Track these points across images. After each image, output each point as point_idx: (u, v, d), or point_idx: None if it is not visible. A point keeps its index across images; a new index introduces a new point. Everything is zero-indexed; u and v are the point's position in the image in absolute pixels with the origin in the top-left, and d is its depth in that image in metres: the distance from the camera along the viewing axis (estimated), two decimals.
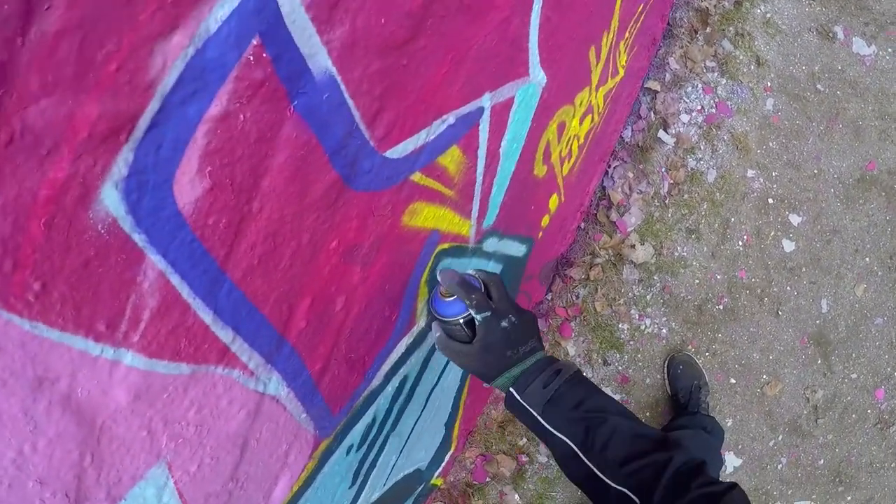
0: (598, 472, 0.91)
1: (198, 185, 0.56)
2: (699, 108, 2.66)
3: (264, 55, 0.55)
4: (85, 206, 0.49)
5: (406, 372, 1.39)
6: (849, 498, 2.64)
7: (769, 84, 2.70)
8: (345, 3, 0.62)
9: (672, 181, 2.60)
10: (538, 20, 1.14)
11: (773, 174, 2.63)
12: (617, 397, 2.35)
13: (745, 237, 2.59)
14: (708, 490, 0.83)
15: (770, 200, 2.62)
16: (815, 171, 2.65)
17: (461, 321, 1.03)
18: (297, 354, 0.91)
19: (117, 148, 0.49)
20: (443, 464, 2.28)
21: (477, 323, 1.01)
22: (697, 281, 2.56)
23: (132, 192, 0.52)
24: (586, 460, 0.93)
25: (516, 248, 1.84)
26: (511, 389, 1.01)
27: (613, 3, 1.69)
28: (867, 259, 2.63)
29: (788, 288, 2.58)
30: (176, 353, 0.69)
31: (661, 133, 2.63)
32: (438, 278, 1.02)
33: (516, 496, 2.47)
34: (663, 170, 2.62)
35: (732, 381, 2.55)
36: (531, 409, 0.98)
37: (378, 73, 0.72)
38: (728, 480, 0.85)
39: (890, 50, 2.77)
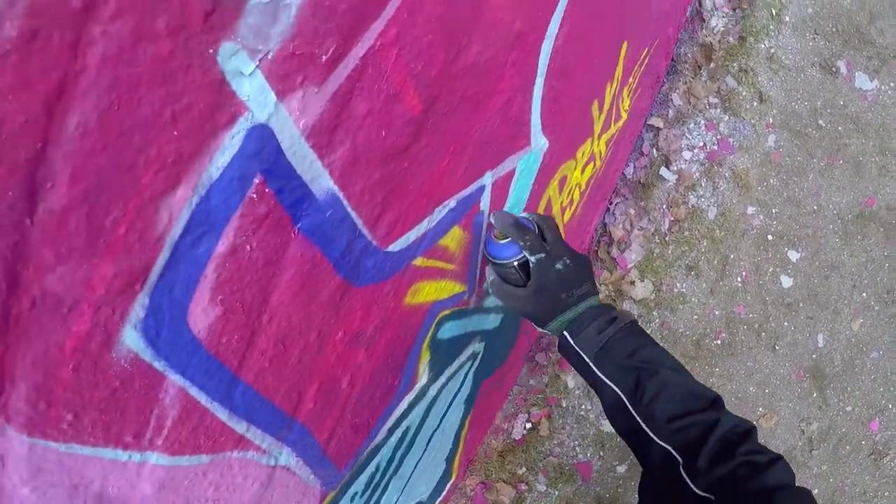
0: (644, 426, 0.90)
1: (210, 313, 0.59)
2: (701, 144, 2.69)
3: (267, 190, 0.59)
4: (108, 348, 0.53)
5: (408, 424, 1.41)
6: None
7: (771, 120, 2.72)
8: (344, 124, 0.65)
9: (673, 218, 2.63)
10: (541, 92, 1.16)
11: (773, 211, 2.66)
12: None
13: (744, 273, 2.62)
14: (753, 458, 0.81)
15: (769, 237, 2.64)
16: (815, 208, 2.68)
17: (515, 263, 1.03)
18: (306, 430, 0.94)
19: (133, 296, 0.52)
20: (443, 493, 2.30)
21: (531, 264, 1.01)
22: (696, 317, 2.59)
23: (150, 329, 0.55)
24: (634, 412, 0.91)
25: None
26: (564, 332, 1.00)
27: (617, 54, 1.70)
28: (864, 294, 2.66)
29: (786, 323, 2.61)
30: (196, 448, 0.72)
31: (662, 170, 2.66)
32: (492, 221, 1.03)
33: None
34: (664, 206, 2.64)
35: None
36: (583, 354, 0.98)
37: (379, 181, 0.75)
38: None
39: (892, 84, 2.80)
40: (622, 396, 0.93)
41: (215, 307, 0.60)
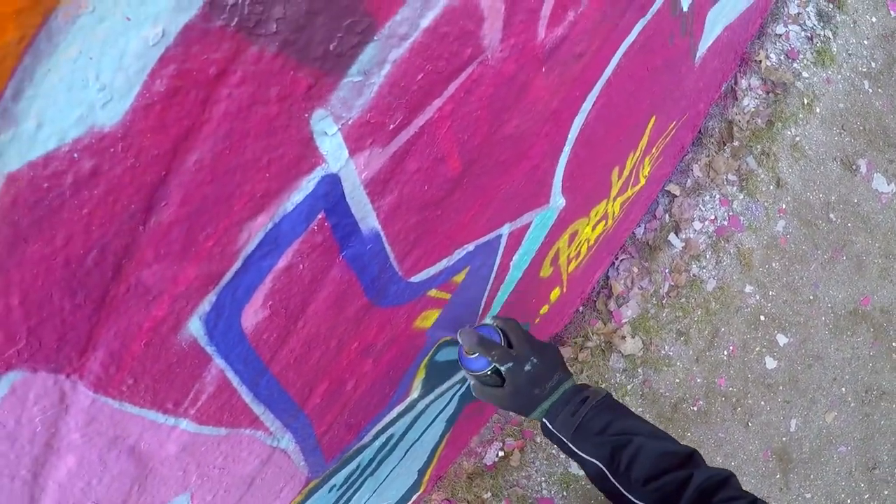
0: (624, 491, 0.95)
1: (260, 314, 0.72)
2: (713, 217, 2.76)
3: (326, 224, 0.71)
4: (175, 332, 0.64)
5: (393, 431, 1.50)
6: None
7: (784, 206, 2.80)
8: (396, 178, 0.77)
9: (673, 283, 2.70)
10: (566, 159, 1.28)
11: (770, 293, 2.72)
12: None
13: (731, 348, 2.68)
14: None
15: (762, 318, 2.70)
16: (811, 298, 2.74)
17: (489, 372, 1.09)
18: (308, 421, 1.04)
19: (205, 294, 0.64)
20: (409, 503, 2.37)
21: (503, 372, 1.08)
22: (678, 380, 2.66)
23: (210, 321, 0.67)
24: (614, 480, 0.96)
25: None
26: (543, 420, 1.06)
27: (644, 127, 1.81)
28: (843, 389, 2.71)
29: (763, 402, 2.67)
30: (218, 421, 0.83)
31: (671, 236, 2.73)
32: (460, 340, 1.08)
33: None
34: (667, 271, 2.71)
35: None
36: (562, 437, 1.03)
37: (414, 225, 0.87)
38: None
39: None
40: (602, 468, 0.98)
41: (264, 310, 0.72)
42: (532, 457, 2.63)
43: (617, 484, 0.96)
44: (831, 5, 3.01)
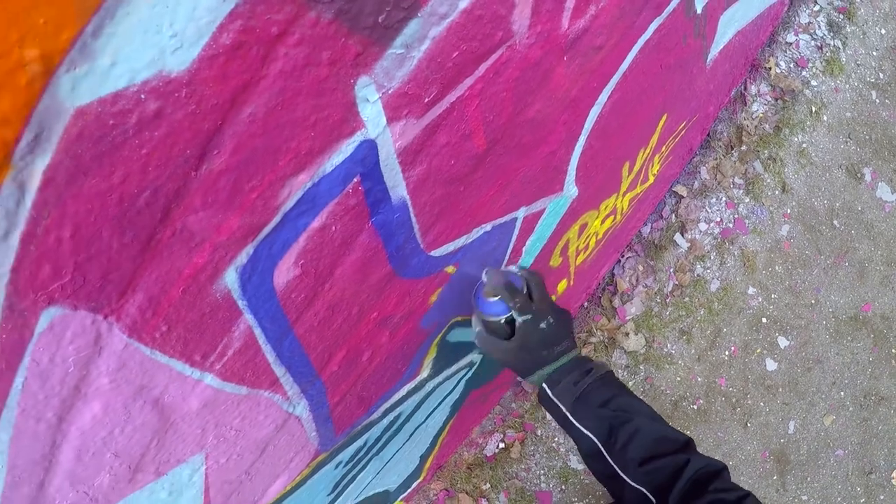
0: (619, 470, 0.93)
1: (290, 272, 0.75)
2: (718, 220, 2.79)
3: (360, 188, 0.75)
4: (212, 281, 0.67)
5: (401, 410, 1.53)
6: None
7: (789, 211, 2.82)
8: (426, 150, 0.81)
9: (677, 282, 2.73)
10: (581, 148, 1.32)
11: (773, 296, 2.74)
12: None
13: (733, 348, 2.70)
14: (723, 496, 0.85)
15: (764, 320, 2.72)
16: (813, 302, 2.76)
17: (503, 320, 1.06)
18: (324, 389, 1.06)
19: (243, 245, 0.67)
20: (409, 490, 2.40)
21: (517, 323, 1.04)
22: (679, 379, 2.68)
23: (246, 274, 0.70)
24: (608, 457, 0.95)
25: None
26: (543, 385, 1.04)
27: (655, 125, 1.85)
28: (842, 393, 2.72)
29: (762, 403, 2.68)
30: (241, 379, 0.85)
31: (677, 236, 2.76)
32: (484, 278, 1.05)
33: None
34: (671, 270, 2.74)
35: None
36: (561, 405, 1.01)
37: (440, 198, 0.91)
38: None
39: None
40: (597, 443, 0.96)
41: (296, 268, 0.75)
42: (532, 450, 2.66)
43: (611, 461, 0.95)
44: (842, 16, 3.05)
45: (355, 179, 0.72)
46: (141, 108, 0.48)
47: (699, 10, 1.62)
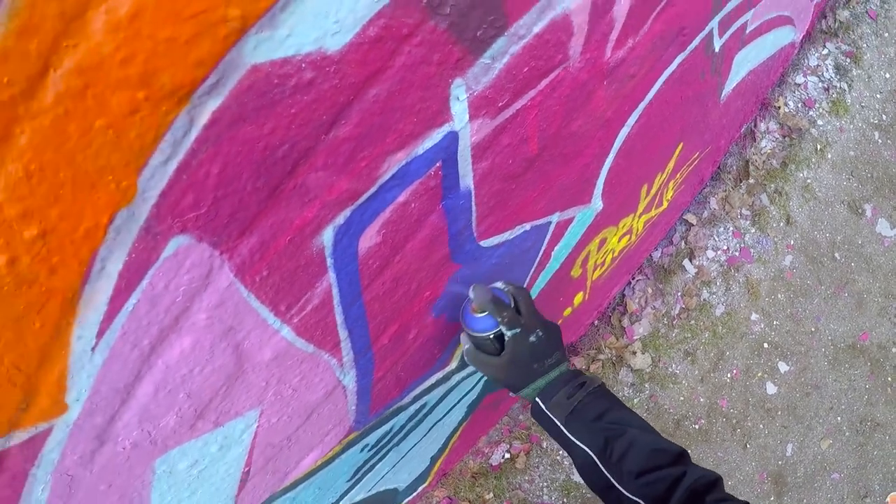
0: (615, 482, 0.93)
1: (373, 239, 0.87)
2: (725, 248, 2.90)
3: (439, 172, 0.88)
4: (312, 235, 0.77)
5: (427, 399, 1.60)
6: None
7: (792, 242, 2.93)
8: (493, 147, 0.94)
9: (684, 306, 2.83)
10: (609, 165, 1.45)
11: (775, 323, 2.83)
12: None
13: (735, 371, 2.78)
14: None
15: (765, 345, 2.81)
16: (813, 329, 2.84)
17: (491, 336, 1.05)
18: (372, 361, 1.14)
19: (344, 208, 0.78)
20: (414, 493, 2.43)
21: (506, 338, 1.04)
22: (682, 398, 2.74)
23: (339, 234, 0.81)
24: (604, 470, 0.94)
25: None
26: (537, 399, 1.04)
27: (672, 152, 1.98)
28: (839, 418, 2.79)
29: (761, 426, 2.75)
30: (311, 336, 0.92)
31: (685, 261, 2.87)
32: (471, 295, 1.05)
33: None
34: (679, 294, 2.84)
35: None
36: (555, 419, 1.01)
37: (496, 192, 1.04)
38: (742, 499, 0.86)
39: None
40: (592, 456, 0.96)
41: (377, 237, 0.87)
42: (537, 461, 2.71)
43: (607, 473, 0.94)
44: (849, 60, 3.19)
45: (438, 164, 0.85)
46: (300, 74, 0.60)
47: (717, 49, 1.76)
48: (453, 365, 1.57)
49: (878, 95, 3.18)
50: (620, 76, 1.20)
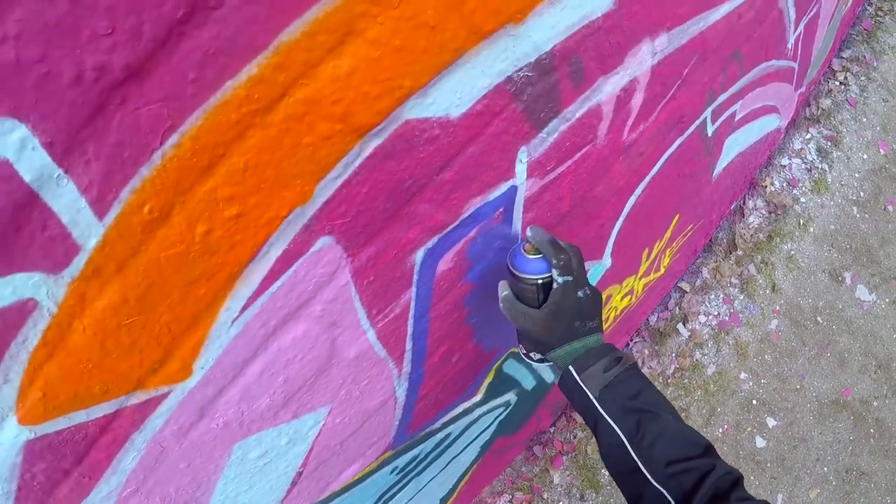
0: (642, 467, 0.88)
1: (447, 264, 1.07)
2: (716, 313, 3.05)
3: (500, 217, 1.10)
4: (410, 253, 0.95)
5: (451, 430, 1.70)
6: None
7: (778, 308, 3.10)
8: (538, 201, 1.17)
9: (678, 366, 2.99)
10: (619, 227, 1.67)
11: (762, 381, 2.97)
12: None
13: (726, 426, 2.89)
14: None
15: (754, 402, 2.93)
16: (798, 387, 2.96)
17: (539, 282, 0.99)
18: (421, 378, 1.26)
19: (434, 235, 0.96)
20: None
21: (556, 285, 0.97)
22: None
23: (427, 255, 0.99)
24: (632, 453, 0.89)
25: (548, 375, 2.17)
26: (570, 368, 0.97)
27: (670, 221, 2.20)
28: (825, 469, 2.81)
29: (752, 477, 2.79)
30: (386, 342, 1.04)
31: (679, 325, 3.06)
32: (528, 234, 0.99)
33: None
34: (673, 354, 3.01)
35: None
36: (587, 391, 0.95)
37: None
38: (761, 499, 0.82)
39: (887, 300, 3.13)
40: (622, 436, 0.91)
41: (451, 262, 1.07)
42: None
43: (635, 457, 0.89)
44: (830, 143, 3.45)
45: (500, 210, 1.08)
46: (431, 130, 0.81)
47: (710, 134, 2.00)
48: (478, 397, 1.70)
49: (857, 174, 3.43)
50: (633, 153, 1.43)
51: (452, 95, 0.81)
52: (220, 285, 0.71)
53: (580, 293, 0.99)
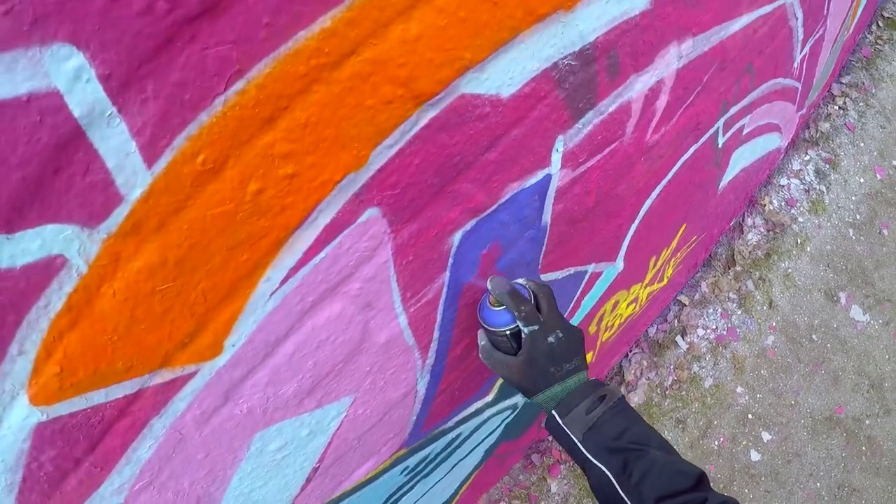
0: None
1: (480, 251, 1.10)
2: (714, 327, 3.10)
3: (534, 204, 1.12)
4: (449, 234, 0.95)
5: (462, 430, 1.68)
6: None
7: (774, 324, 3.14)
8: (568, 193, 1.20)
9: (676, 378, 3.02)
10: (634, 230, 1.71)
11: (758, 396, 3.00)
12: None
13: (722, 439, 2.91)
14: None
15: (749, 416, 2.97)
16: (793, 402, 2.96)
17: (508, 332, 0.99)
18: (442, 372, 1.25)
19: (472, 217, 0.97)
20: None
21: (523, 335, 0.98)
22: None
23: (463, 240, 0.99)
24: (621, 492, 0.88)
25: None
26: (553, 412, 0.97)
27: (677, 230, 2.25)
28: (818, 484, 2.84)
29: (746, 490, 2.82)
30: (415, 329, 1.02)
31: (678, 338, 3.10)
32: (489, 286, 1.00)
33: None
34: (671, 367, 3.04)
35: None
36: (571, 435, 0.94)
37: (561, 232, 1.29)
38: None
39: (881, 321, 3.18)
40: (610, 476, 0.90)
41: (483, 249, 1.08)
42: None
43: (624, 496, 0.88)
44: (827, 166, 3.53)
45: (535, 197, 1.11)
46: (483, 107, 0.83)
47: (720, 144, 2.05)
48: (490, 397, 1.71)
49: (854, 197, 3.49)
50: (654, 155, 1.47)
51: (505, 74, 0.83)
52: (264, 252, 0.67)
53: (551, 339, 0.99)
